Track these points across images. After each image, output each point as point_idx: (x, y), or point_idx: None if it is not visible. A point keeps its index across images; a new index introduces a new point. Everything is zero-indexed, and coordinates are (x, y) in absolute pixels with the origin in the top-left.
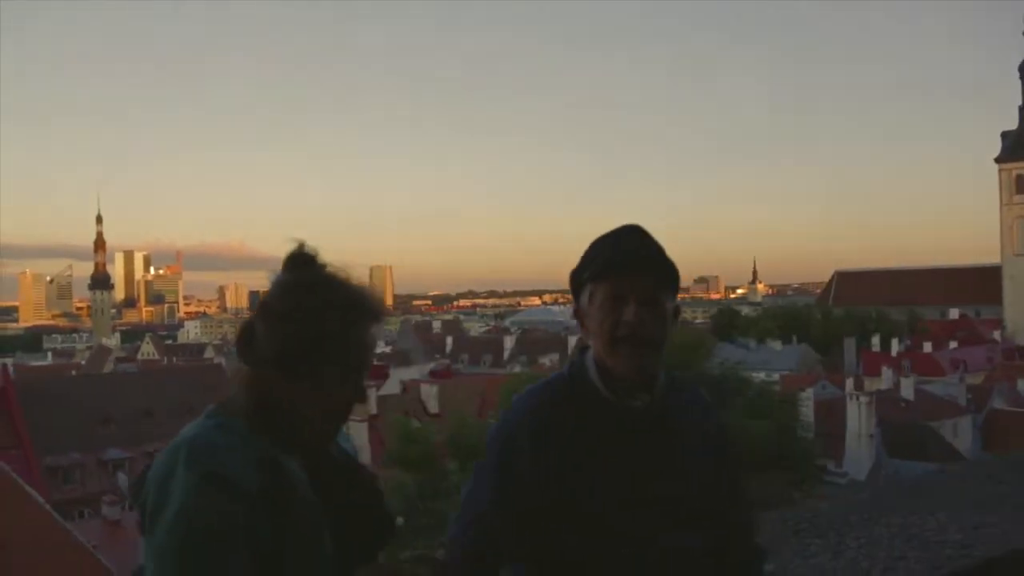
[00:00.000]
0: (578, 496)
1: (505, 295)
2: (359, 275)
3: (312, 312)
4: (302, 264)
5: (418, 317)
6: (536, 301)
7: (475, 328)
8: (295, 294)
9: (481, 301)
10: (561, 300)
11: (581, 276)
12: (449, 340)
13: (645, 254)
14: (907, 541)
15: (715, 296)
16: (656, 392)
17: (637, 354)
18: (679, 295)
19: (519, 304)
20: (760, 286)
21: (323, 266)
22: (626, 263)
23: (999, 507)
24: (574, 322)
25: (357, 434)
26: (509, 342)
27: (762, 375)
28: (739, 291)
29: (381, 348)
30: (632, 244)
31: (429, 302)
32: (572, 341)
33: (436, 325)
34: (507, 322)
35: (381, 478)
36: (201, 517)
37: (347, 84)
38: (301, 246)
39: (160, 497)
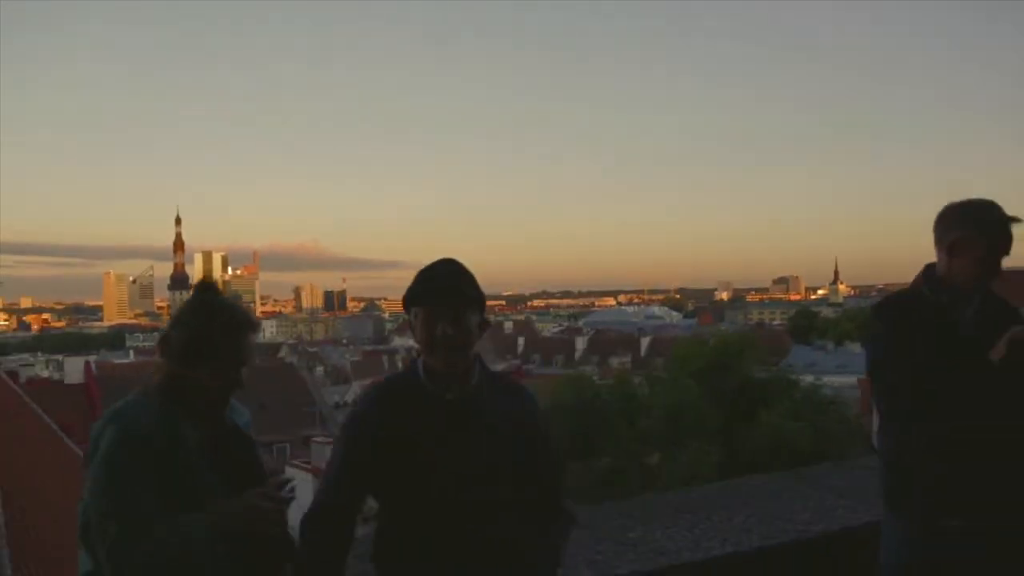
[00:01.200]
0: (406, 462)
1: (579, 295)
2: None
3: (205, 323)
4: (204, 290)
5: (491, 317)
6: (611, 302)
7: (548, 328)
8: (195, 310)
9: (555, 301)
10: (636, 300)
11: (408, 300)
12: (521, 340)
13: (452, 285)
14: None
15: (795, 297)
16: (468, 386)
17: (447, 357)
18: (757, 296)
19: (593, 305)
20: (842, 287)
21: (218, 292)
22: (437, 292)
23: None
24: (648, 323)
25: None
26: (581, 343)
27: (837, 379)
28: (820, 292)
29: None
30: (443, 278)
31: (503, 302)
32: (645, 342)
33: (508, 326)
34: (580, 323)
35: None
36: (117, 458)
37: (420, 85)
38: (206, 277)
39: (94, 446)
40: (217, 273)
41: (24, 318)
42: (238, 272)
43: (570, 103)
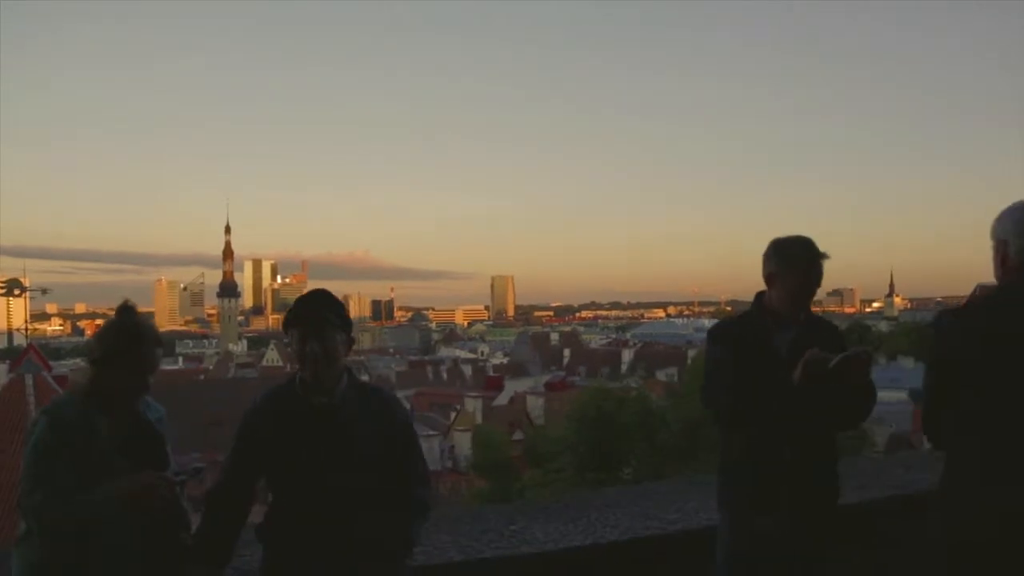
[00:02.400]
0: (281, 455)
1: (628, 307)
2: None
3: (116, 337)
4: (123, 311)
5: (537, 328)
6: (660, 314)
7: (595, 340)
8: (110, 326)
9: (604, 313)
10: (686, 312)
11: (285, 323)
12: (567, 352)
13: (319, 310)
14: None
15: (849, 310)
16: (333, 394)
17: (314, 371)
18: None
19: (642, 317)
20: (898, 299)
21: (133, 313)
22: (306, 317)
23: None
24: (697, 336)
25: (460, 443)
26: (628, 355)
27: (887, 393)
28: (875, 305)
29: (499, 359)
30: (313, 304)
31: (551, 313)
32: (691, 355)
33: (554, 337)
34: (628, 335)
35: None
36: (45, 441)
37: (471, 95)
38: (126, 301)
39: (30, 432)
40: (266, 281)
41: (78, 323)
42: (287, 280)
43: (621, 112)
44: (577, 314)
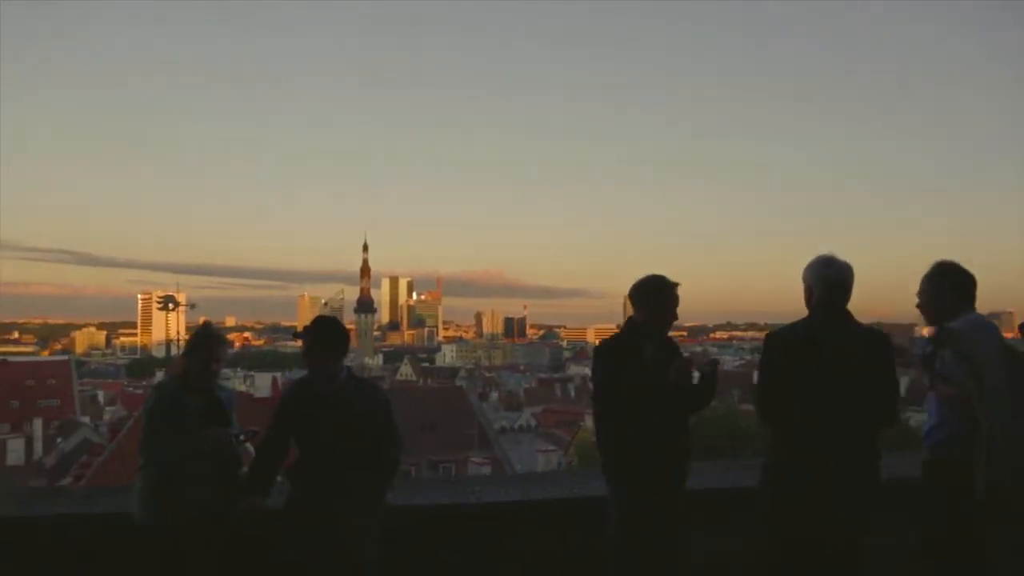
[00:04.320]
0: (297, 427)
1: (765, 327)
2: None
3: (197, 340)
4: (204, 325)
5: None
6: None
7: (729, 361)
8: (195, 334)
9: (739, 334)
10: None
11: (299, 335)
12: (696, 373)
13: (315, 338)
14: None
15: (1008, 335)
16: (333, 386)
17: (318, 366)
18: None
19: None
20: None
21: (211, 326)
22: (307, 342)
23: None
24: None
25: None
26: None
27: None
28: None
29: None
30: (312, 334)
31: (684, 333)
32: None
33: None
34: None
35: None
36: (153, 406)
37: (605, 114)
38: (205, 319)
39: (146, 402)
40: (402, 298)
41: (228, 336)
42: (422, 297)
43: (759, 134)
44: (711, 334)
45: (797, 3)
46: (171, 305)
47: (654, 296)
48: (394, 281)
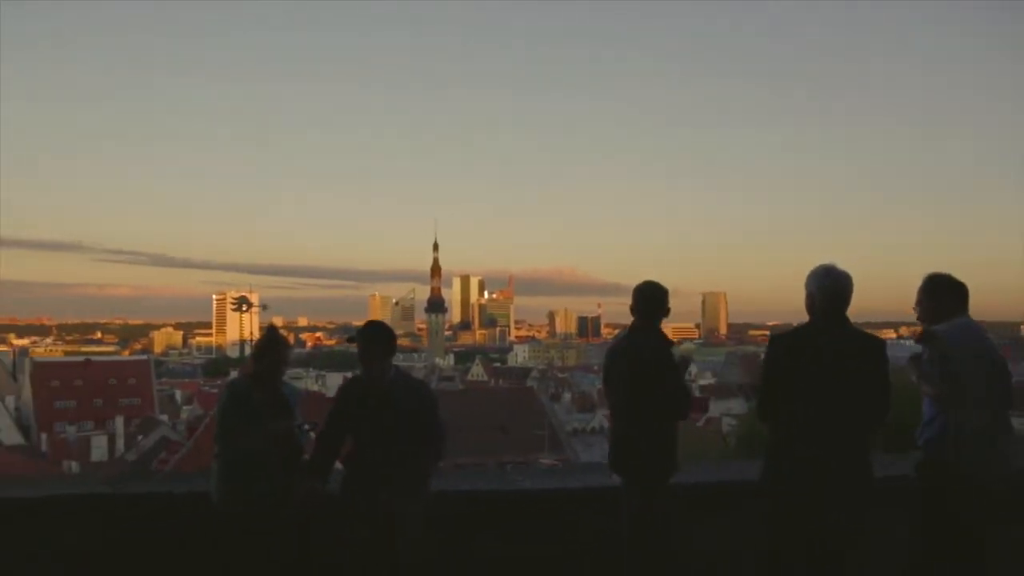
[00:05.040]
0: (354, 419)
1: (870, 327)
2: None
3: (263, 342)
4: (270, 328)
5: (751, 348)
6: (891, 334)
7: None
8: (262, 337)
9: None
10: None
11: (352, 339)
12: None
13: (366, 343)
14: None
15: None
16: (383, 383)
17: (366, 370)
18: None
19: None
20: None
21: (276, 330)
22: (361, 335)
23: None
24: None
25: None
26: None
27: None
28: None
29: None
30: (369, 329)
31: (767, 332)
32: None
33: None
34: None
35: None
36: (225, 403)
37: (678, 113)
38: (271, 325)
39: (220, 397)
40: (473, 297)
41: (300, 335)
42: (493, 296)
43: (855, 119)
44: None
45: None
46: (244, 306)
47: (642, 304)
48: (465, 280)
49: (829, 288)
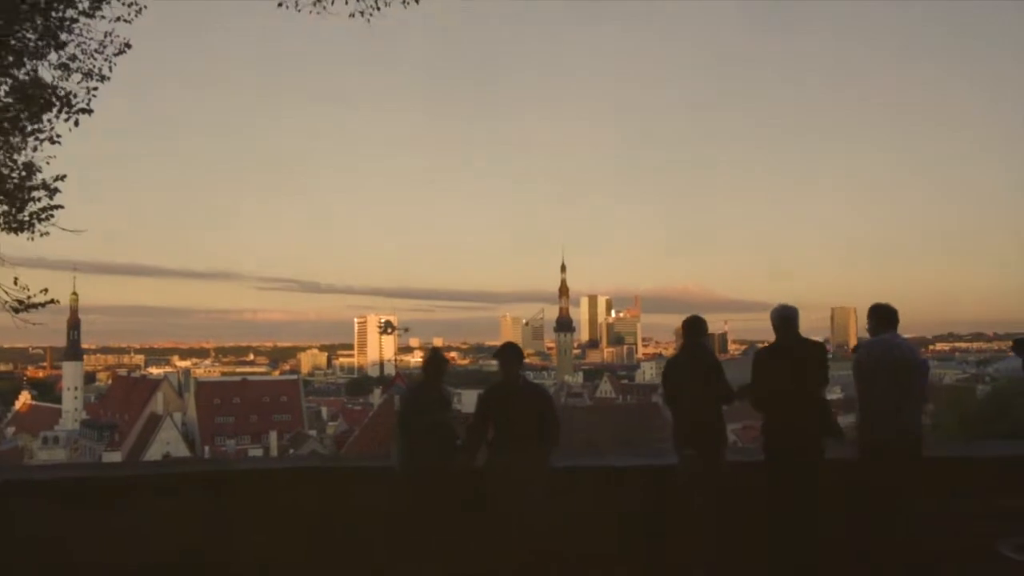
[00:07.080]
0: (494, 413)
1: (995, 338)
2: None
3: (428, 359)
4: (433, 350)
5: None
6: None
7: (950, 375)
8: (427, 355)
9: (962, 345)
10: None
11: (495, 355)
12: None
13: (507, 352)
14: None
15: None
16: (516, 386)
17: (504, 375)
18: None
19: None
20: None
21: (437, 350)
22: (501, 354)
23: None
24: None
25: None
26: (982, 391)
27: None
28: None
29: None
30: (505, 349)
31: None
32: None
33: None
34: (990, 369)
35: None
36: (403, 403)
37: (805, 128)
38: (434, 347)
39: (400, 398)
40: (601, 316)
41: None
42: (621, 315)
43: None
44: (931, 346)
45: None
46: (389, 329)
47: (687, 331)
48: (593, 299)
49: (780, 318)
